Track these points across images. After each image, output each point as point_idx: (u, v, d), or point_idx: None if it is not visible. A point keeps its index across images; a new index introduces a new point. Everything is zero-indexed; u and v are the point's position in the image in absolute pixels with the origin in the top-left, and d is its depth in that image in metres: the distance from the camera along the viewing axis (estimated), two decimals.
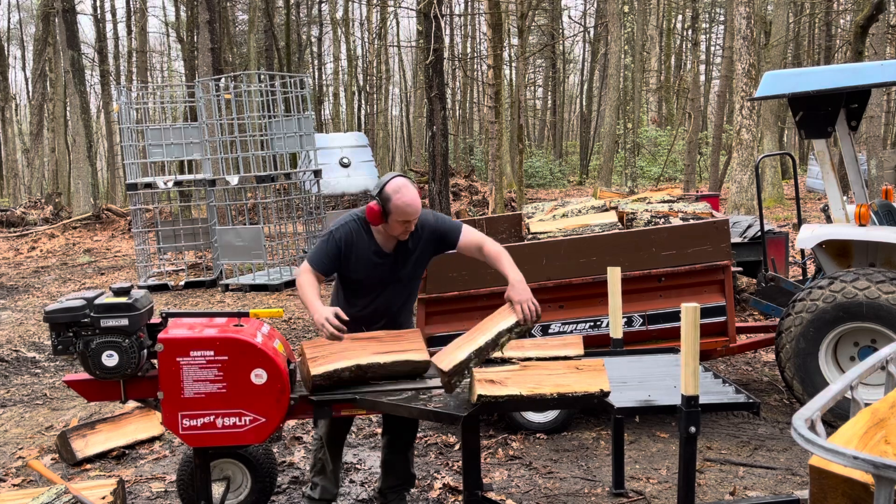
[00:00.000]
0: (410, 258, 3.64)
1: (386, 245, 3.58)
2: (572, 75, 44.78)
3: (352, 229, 3.55)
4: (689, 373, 2.90)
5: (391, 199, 3.38)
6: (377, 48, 35.93)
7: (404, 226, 3.46)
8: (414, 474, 3.96)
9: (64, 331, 3.22)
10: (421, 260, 3.70)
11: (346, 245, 3.53)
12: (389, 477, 3.89)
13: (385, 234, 3.55)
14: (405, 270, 3.65)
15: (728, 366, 6.44)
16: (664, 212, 5.35)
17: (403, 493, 3.92)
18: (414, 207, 3.41)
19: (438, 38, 12.89)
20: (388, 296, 3.67)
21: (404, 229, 3.48)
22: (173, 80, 36.21)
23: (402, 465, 3.88)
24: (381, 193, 3.41)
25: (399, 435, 3.84)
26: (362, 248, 3.54)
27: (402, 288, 3.71)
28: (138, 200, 12.20)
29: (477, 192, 20.18)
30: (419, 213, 3.48)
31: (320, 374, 3.27)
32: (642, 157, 28.53)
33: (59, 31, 20.47)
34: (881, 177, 15.61)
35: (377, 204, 3.41)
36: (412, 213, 3.42)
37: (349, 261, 3.55)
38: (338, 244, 3.52)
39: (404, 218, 3.42)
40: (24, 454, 5.01)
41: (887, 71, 4.56)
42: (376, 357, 3.37)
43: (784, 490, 4.05)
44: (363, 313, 3.64)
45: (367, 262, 3.56)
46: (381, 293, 3.65)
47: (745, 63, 13.12)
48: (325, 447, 3.74)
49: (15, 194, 31.40)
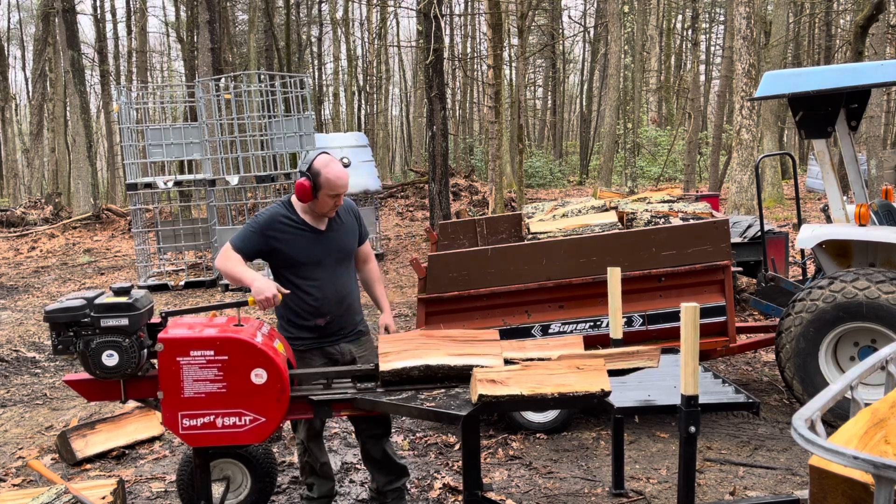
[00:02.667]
0: (343, 228, 3.69)
1: (317, 224, 3.62)
2: (572, 75, 44.80)
3: (276, 212, 3.59)
4: (689, 373, 2.90)
5: (321, 172, 3.45)
6: (377, 48, 35.93)
7: (333, 200, 3.52)
8: (403, 465, 3.90)
9: (64, 330, 3.22)
10: (352, 231, 3.74)
11: (273, 228, 3.54)
12: (379, 474, 3.84)
13: (313, 213, 3.59)
14: (342, 242, 3.68)
15: (728, 366, 6.44)
16: (664, 212, 5.35)
17: (401, 488, 3.87)
18: (343, 180, 3.49)
19: (438, 38, 12.89)
20: (333, 277, 3.64)
21: (333, 204, 3.54)
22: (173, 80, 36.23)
23: (386, 460, 3.82)
24: (311, 168, 3.48)
25: (370, 430, 3.77)
26: (291, 228, 3.56)
27: (345, 267, 3.71)
28: (138, 200, 12.19)
29: (477, 192, 20.18)
30: (347, 188, 3.54)
31: (389, 370, 3.27)
32: (642, 157, 28.53)
33: (59, 31, 20.47)
34: (881, 177, 15.60)
35: (307, 180, 3.46)
36: (342, 185, 3.49)
37: (280, 243, 3.55)
38: (261, 227, 3.54)
39: (334, 191, 3.48)
40: (24, 454, 5.01)
41: (887, 71, 4.56)
42: (447, 359, 3.32)
43: (784, 490, 4.05)
44: (316, 301, 3.60)
45: (299, 240, 3.56)
46: (326, 274, 3.62)
47: (745, 63, 13.12)
48: (308, 449, 3.73)
49: (15, 194, 31.39)
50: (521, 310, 5.03)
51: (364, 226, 3.87)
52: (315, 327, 3.64)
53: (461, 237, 6.28)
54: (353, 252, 3.79)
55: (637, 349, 3.37)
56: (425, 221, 17.04)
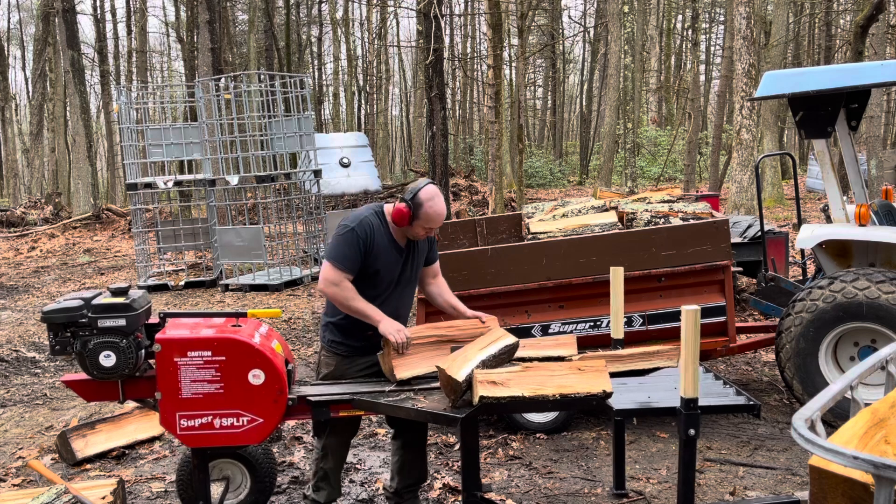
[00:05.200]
0: (418, 254, 3.72)
1: (401, 240, 3.64)
2: (572, 75, 44.80)
3: (372, 223, 3.57)
4: (689, 376, 2.89)
5: (423, 205, 3.46)
6: (377, 48, 35.92)
7: (426, 231, 3.56)
8: (427, 472, 3.94)
9: (62, 331, 3.21)
10: (423, 256, 3.77)
11: (370, 238, 3.52)
12: (406, 477, 3.84)
13: (400, 232, 3.61)
14: (414, 265, 3.71)
15: (728, 366, 6.43)
16: (664, 212, 5.34)
17: (417, 491, 3.91)
18: (442, 217, 3.54)
19: (438, 38, 12.89)
20: (397, 295, 3.67)
21: (424, 234, 3.58)
22: (173, 80, 36.23)
23: (420, 463, 3.86)
24: (415, 198, 3.47)
25: (414, 433, 3.80)
26: (381, 240, 3.56)
27: (409, 290, 3.75)
28: (138, 200, 12.19)
29: (477, 192, 20.18)
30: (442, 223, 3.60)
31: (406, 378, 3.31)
32: (642, 157, 28.54)
33: (59, 31, 20.47)
34: (881, 177, 15.60)
35: (407, 207, 3.47)
36: (439, 222, 3.54)
37: (371, 254, 3.54)
38: (360, 238, 3.50)
39: (430, 225, 3.52)
40: (24, 454, 5.00)
41: (887, 71, 4.55)
42: None
43: (784, 490, 4.05)
44: None
45: (386, 254, 3.56)
46: (392, 291, 3.64)
47: (745, 63, 13.12)
48: (330, 456, 3.68)
49: (15, 194, 31.39)
50: (521, 310, 5.02)
51: (436, 249, 3.88)
52: (363, 336, 3.61)
53: (461, 237, 6.27)
54: (419, 273, 3.81)
55: (657, 349, 3.38)
56: None
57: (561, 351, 3.47)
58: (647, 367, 3.33)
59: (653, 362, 3.35)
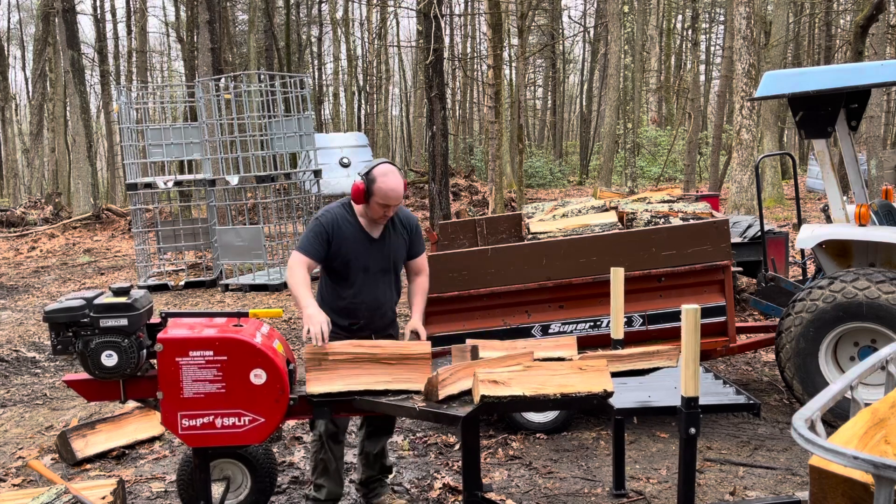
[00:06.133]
0: (394, 239, 3.77)
1: (372, 231, 3.71)
2: (572, 75, 44.78)
3: (337, 214, 3.69)
4: (690, 375, 2.90)
5: (376, 180, 3.55)
6: (377, 48, 35.93)
7: (383, 210, 3.60)
8: (391, 465, 4.09)
9: (63, 331, 3.21)
10: (402, 243, 3.81)
11: (333, 227, 3.64)
12: (370, 469, 3.98)
13: (368, 218, 3.68)
14: (388, 254, 3.75)
15: (728, 366, 6.43)
16: (664, 212, 5.34)
17: (383, 480, 4.04)
18: (396, 193, 3.57)
19: (438, 38, 12.89)
20: (371, 283, 3.72)
21: (383, 213, 3.62)
22: (173, 80, 36.22)
23: (381, 457, 3.98)
24: (369, 174, 3.58)
25: (379, 426, 3.91)
26: (348, 230, 3.66)
27: (387, 279, 3.78)
28: (138, 200, 12.19)
29: (477, 192, 20.19)
30: (400, 202, 3.64)
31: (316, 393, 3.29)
32: (642, 157, 28.53)
33: (59, 31, 20.47)
34: (881, 177, 15.60)
35: (362, 183, 3.58)
36: (393, 198, 3.57)
37: (336, 243, 3.64)
38: (325, 227, 3.63)
39: (385, 202, 3.56)
40: (24, 454, 5.00)
41: (887, 71, 4.55)
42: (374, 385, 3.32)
43: (784, 490, 4.05)
44: (352, 304, 3.69)
45: (353, 243, 3.65)
46: (364, 279, 3.70)
47: (745, 63, 13.12)
48: (326, 446, 3.74)
49: (15, 194, 31.40)
50: (521, 310, 5.03)
51: (420, 241, 3.93)
52: (348, 327, 3.70)
53: (461, 237, 6.28)
54: (400, 264, 3.87)
55: (657, 349, 3.38)
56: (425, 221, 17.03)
57: (561, 352, 3.47)
58: (647, 367, 3.33)
59: (653, 362, 3.35)
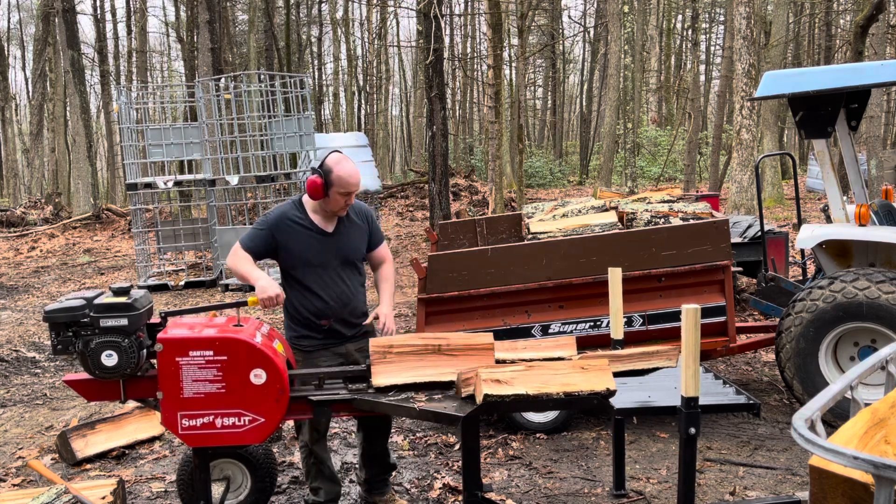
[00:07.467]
0: (351, 231, 3.70)
1: (325, 225, 3.64)
2: (572, 75, 44.78)
3: (285, 212, 3.62)
4: (690, 374, 2.90)
5: (333, 170, 3.48)
6: (377, 48, 35.92)
7: (345, 198, 3.54)
8: (394, 463, 4.05)
9: (63, 330, 3.21)
10: (360, 234, 3.74)
11: (281, 229, 3.57)
12: (372, 468, 3.95)
13: (322, 212, 3.61)
14: (348, 245, 3.68)
15: (728, 366, 6.43)
16: (664, 212, 5.34)
17: (387, 479, 4.02)
18: (355, 178, 3.52)
19: (438, 38, 12.89)
20: (332, 278, 3.64)
21: (345, 202, 3.56)
22: (173, 80, 36.23)
23: (382, 456, 3.94)
24: (323, 165, 3.52)
25: (375, 427, 3.87)
26: (299, 229, 3.59)
27: (348, 272, 3.70)
28: (138, 200, 12.19)
29: (477, 192, 20.19)
30: (359, 187, 3.57)
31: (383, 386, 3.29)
32: (642, 157, 28.53)
33: (59, 31, 20.48)
34: (881, 177, 15.60)
35: (319, 177, 3.48)
36: (354, 183, 3.51)
37: (288, 244, 3.57)
38: (269, 227, 3.59)
39: (346, 189, 3.50)
40: (24, 454, 5.00)
41: (887, 71, 4.55)
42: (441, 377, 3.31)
43: (784, 490, 4.05)
44: (321, 304, 3.62)
45: (307, 241, 3.59)
46: (324, 273, 3.62)
47: (745, 63, 13.12)
48: (311, 450, 3.73)
49: (15, 194, 31.40)
50: (521, 310, 5.03)
51: (378, 230, 3.85)
52: (320, 328, 3.66)
53: (461, 237, 6.28)
54: (362, 255, 3.79)
55: (657, 349, 3.38)
56: (425, 221, 17.04)
57: (561, 352, 3.47)
58: (647, 368, 3.33)
59: (653, 362, 3.35)
